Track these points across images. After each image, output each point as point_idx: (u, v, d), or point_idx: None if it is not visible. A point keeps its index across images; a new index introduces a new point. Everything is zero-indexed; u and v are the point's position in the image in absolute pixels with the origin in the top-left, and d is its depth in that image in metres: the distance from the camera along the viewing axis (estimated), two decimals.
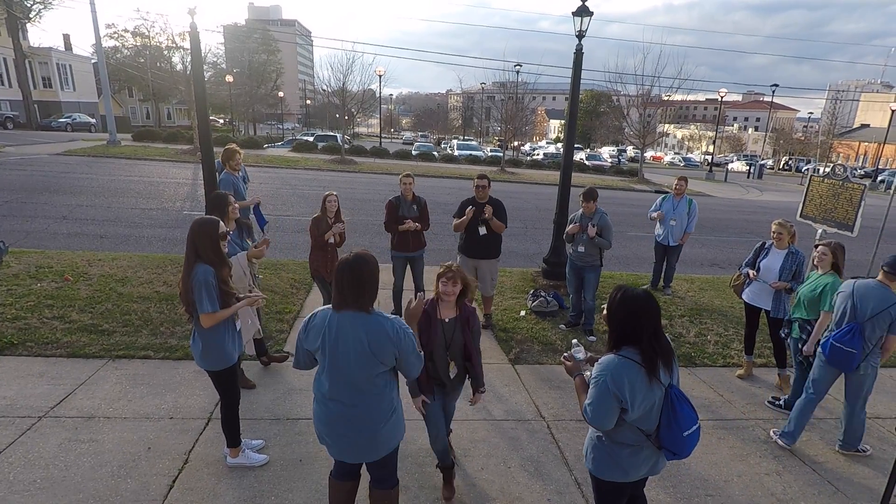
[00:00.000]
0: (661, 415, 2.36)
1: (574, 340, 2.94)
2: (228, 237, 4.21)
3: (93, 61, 44.34)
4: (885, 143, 43.58)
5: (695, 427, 2.36)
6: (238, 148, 6.73)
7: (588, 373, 2.56)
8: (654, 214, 7.56)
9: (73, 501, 3.18)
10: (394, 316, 2.59)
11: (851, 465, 4.12)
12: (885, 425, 4.75)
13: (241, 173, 6.76)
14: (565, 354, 2.76)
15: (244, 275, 4.22)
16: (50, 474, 3.38)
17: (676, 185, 7.43)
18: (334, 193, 5.47)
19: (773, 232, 5.17)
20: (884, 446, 4.41)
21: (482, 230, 5.91)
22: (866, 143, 59.27)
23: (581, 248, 6.04)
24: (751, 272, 5.25)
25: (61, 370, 4.63)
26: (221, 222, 3.28)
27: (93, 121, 39.29)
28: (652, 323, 2.35)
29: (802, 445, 4.35)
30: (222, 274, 3.24)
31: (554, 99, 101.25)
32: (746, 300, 5.46)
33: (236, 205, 4.34)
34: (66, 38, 47.04)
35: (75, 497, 3.21)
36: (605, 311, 2.48)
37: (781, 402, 4.89)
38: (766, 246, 5.33)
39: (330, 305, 2.55)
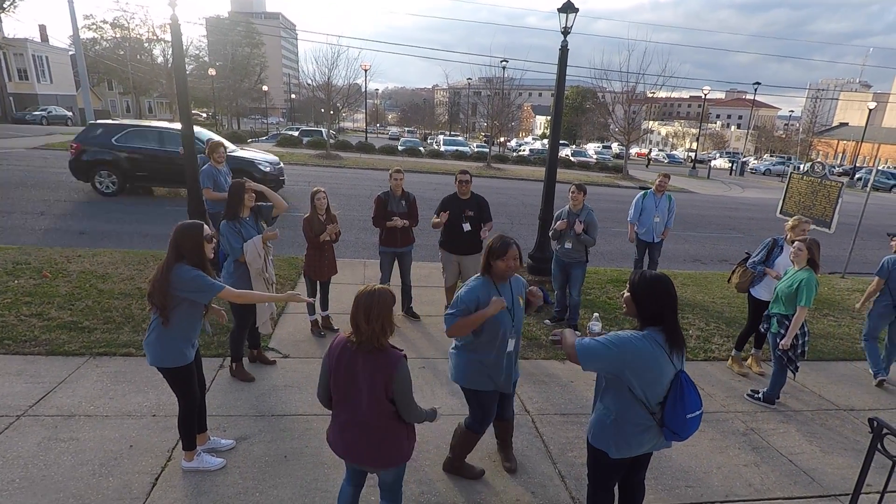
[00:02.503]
0: (669, 395, 2.51)
1: (595, 315, 3.03)
2: (241, 228, 4.37)
3: (70, 53, 43.40)
4: (862, 142, 44.51)
5: (698, 412, 2.53)
6: (223, 141, 6.72)
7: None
8: (630, 235, 7.73)
9: (53, 501, 3.13)
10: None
11: (826, 456, 4.23)
12: (859, 416, 4.88)
13: (224, 167, 6.72)
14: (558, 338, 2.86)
15: (258, 256, 4.36)
16: (29, 474, 3.33)
17: (660, 181, 7.48)
18: (323, 190, 5.43)
19: (788, 235, 5.29)
20: (857, 437, 4.53)
21: (466, 227, 5.91)
22: (845, 142, 60.48)
23: (568, 245, 6.09)
24: (769, 271, 5.33)
25: (40, 368, 4.55)
26: (206, 226, 3.24)
27: (69, 114, 38.42)
28: (672, 305, 2.54)
29: (780, 437, 4.45)
30: (210, 274, 3.21)
31: (540, 95, 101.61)
32: (756, 296, 5.51)
33: (253, 193, 4.48)
34: (42, 28, 45.90)
35: (56, 496, 3.17)
36: (625, 295, 2.63)
37: (760, 396, 5.00)
38: (779, 243, 5.45)
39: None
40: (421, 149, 34.54)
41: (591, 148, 50.34)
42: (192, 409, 3.44)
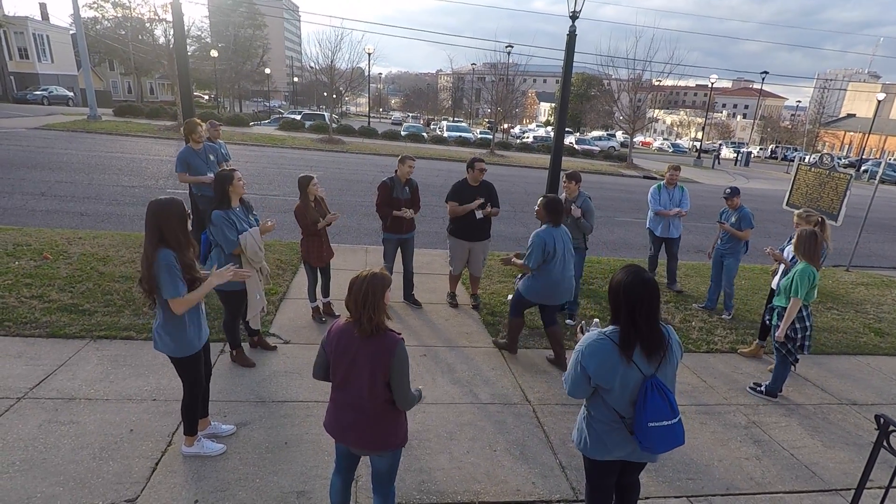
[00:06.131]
0: (636, 401, 2.41)
1: (595, 320, 2.99)
2: (233, 213, 4.19)
3: (71, 32, 42.94)
4: (869, 133, 44.09)
5: (666, 422, 2.34)
6: (200, 121, 6.56)
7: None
8: (670, 211, 7.40)
9: (53, 484, 3.13)
10: None
11: (829, 451, 4.21)
12: (861, 411, 4.87)
13: (203, 148, 6.56)
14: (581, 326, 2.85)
15: (259, 250, 4.23)
16: (29, 456, 3.33)
17: (670, 175, 7.31)
18: (314, 177, 5.34)
19: (797, 224, 5.30)
20: (860, 432, 4.52)
21: (479, 214, 5.93)
22: (851, 133, 59.94)
23: None
24: (775, 254, 5.44)
25: (40, 350, 4.54)
26: (183, 202, 3.13)
27: (70, 94, 38.17)
28: (629, 304, 2.36)
29: (782, 431, 4.44)
30: (188, 257, 3.08)
31: (545, 82, 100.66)
32: (773, 287, 5.58)
33: (242, 182, 4.24)
34: (43, 7, 45.37)
35: (55, 479, 3.16)
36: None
37: (762, 389, 4.98)
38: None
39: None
40: (424, 135, 34.30)
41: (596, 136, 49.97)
42: (196, 395, 3.42)
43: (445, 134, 35.29)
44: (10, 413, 3.72)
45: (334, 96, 29.15)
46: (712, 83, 36.58)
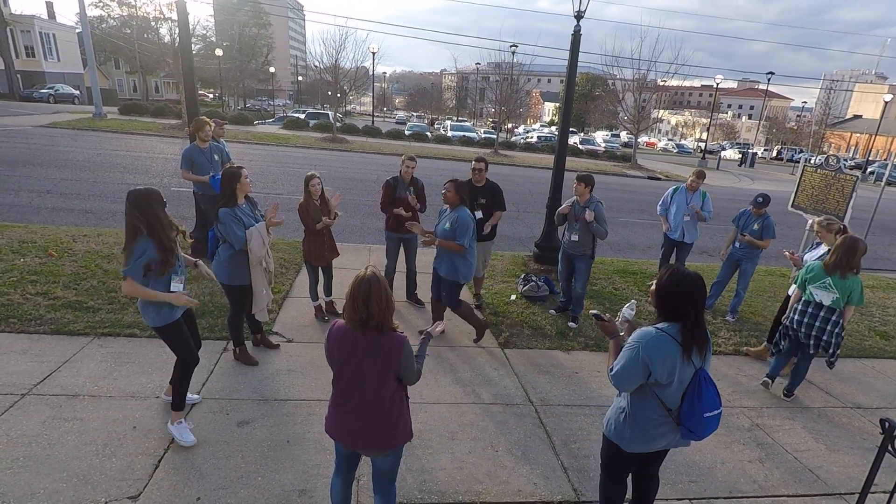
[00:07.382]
0: (686, 394, 2.47)
1: (633, 301, 3.02)
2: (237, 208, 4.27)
3: (77, 31, 43.15)
4: (876, 135, 43.81)
5: (716, 412, 2.47)
6: (208, 119, 6.55)
7: (622, 334, 2.73)
8: (664, 227, 7.35)
9: (56, 480, 3.14)
10: None
11: (832, 455, 4.19)
12: (865, 415, 4.84)
13: (209, 147, 6.56)
14: (602, 316, 2.82)
15: (263, 244, 4.26)
16: (33, 452, 3.34)
17: (691, 181, 7.09)
18: (318, 175, 5.35)
19: (816, 232, 5.28)
20: (864, 436, 4.49)
21: (478, 214, 5.88)
22: (858, 134, 59.60)
23: (575, 237, 5.93)
24: (793, 256, 5.51)
25: (45, 347, 4.56)
26: (161, 192, 3.36)
27: (76, 92, 38.34)
28: (698, 305, 2.45)
29: (786, 434, 4.42)
30: (170, 240, 3.28)
31: (549, 81, 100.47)
32: (789, 293, 5.54)
33: (248, 179, 4.26)
34: (49, 5, 45.59)
35: (59, 476, 3.18)
36: (652, 287, 2.59)
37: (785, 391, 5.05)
38: (813, 242, 5.59)
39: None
40: (428, 134, 34.29)
41: (600, 136, 49.88)
42: (188, 368, 3.56)
43: (449, 133, 35.26)
44: (14, 409, 3.73)
45: (338, 95, 29.15)
46: (717, 83, 36.40)
